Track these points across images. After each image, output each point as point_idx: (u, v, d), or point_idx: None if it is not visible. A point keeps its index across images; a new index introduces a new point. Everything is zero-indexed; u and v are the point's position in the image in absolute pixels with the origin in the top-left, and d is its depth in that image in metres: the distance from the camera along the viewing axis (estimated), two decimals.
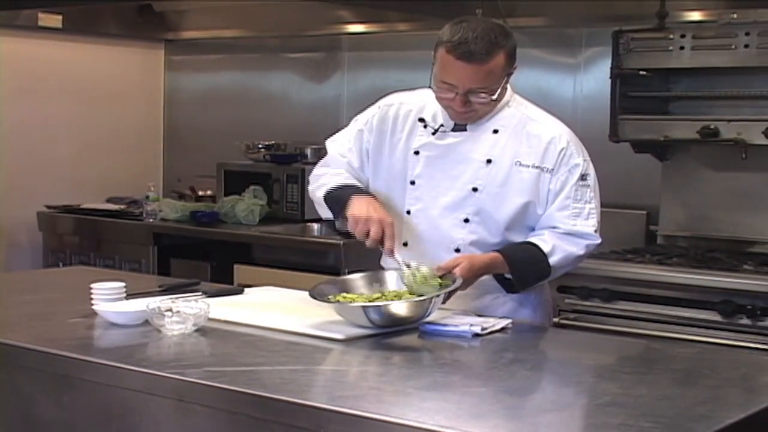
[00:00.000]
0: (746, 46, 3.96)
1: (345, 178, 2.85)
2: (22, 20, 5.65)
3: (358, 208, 2.69)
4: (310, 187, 2.94)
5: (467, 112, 2.71)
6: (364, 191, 2.80)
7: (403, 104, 2.89)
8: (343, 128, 3.01)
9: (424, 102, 2.84)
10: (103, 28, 6.08)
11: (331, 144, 3.00)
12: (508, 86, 2.81)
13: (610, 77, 4.27)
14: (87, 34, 6.04)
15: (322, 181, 2.88)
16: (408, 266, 2.61)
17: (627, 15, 4.47)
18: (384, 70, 5.42)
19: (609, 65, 4.27)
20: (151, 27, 6.24)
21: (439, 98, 2.74)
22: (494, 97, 2.68)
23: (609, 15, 4.60)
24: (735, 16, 4.16)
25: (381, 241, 2.63)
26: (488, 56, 2.61)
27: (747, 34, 3.95)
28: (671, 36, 4.13)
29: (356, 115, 3.01)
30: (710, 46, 4.06)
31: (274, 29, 5.90)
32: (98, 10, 5.98)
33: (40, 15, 5.67)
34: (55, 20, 5.74)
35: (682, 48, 4.10)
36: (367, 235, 2.64)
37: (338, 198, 2.78)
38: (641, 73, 4.26)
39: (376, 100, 2.98)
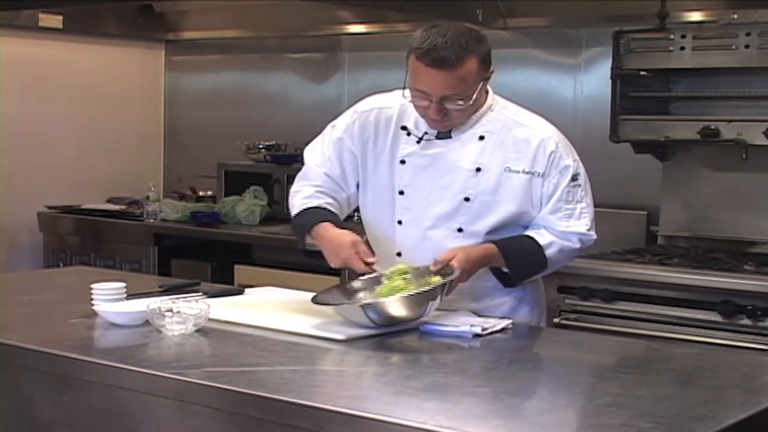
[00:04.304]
0: (747, 46, 3.96)
1: (310, 196, 2.84)
2: (22, 20, 5.65)
3: (327, 256, 2.70)
4: (290, 201, 2.92)
5: (443, 120, 2.68)
6: (326, 216, 2.77)
7: (382, 109, 2.84)
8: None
9: (404, 105, 2.78)
10: (103, 28, 6.08)
11: (308, 153, 2.96)
12: (489, 90, 2.77)
13: (611, 78, 4.27)
14: (87, 35, 6.04)
15: (295, 200, 2.87)
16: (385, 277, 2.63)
17: (627, 15, 4.47)
18: (384, 70, 5.41)
19: (609, 66, 4.27)
20: (152, 27, 6.24)
21: (415, 108, 2.71)
22: (470, 102, 2.64)
23: (609, 15, 4.59)
24: (735, 16, 4.16)
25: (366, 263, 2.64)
26: (459, 62, 2.57)
27: (747, 34, 3.95)
28: (672, 36, 4.13)
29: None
30: (711, 46, 4.06)
31: (274, 29, 5.90)
32: (99, 10, 5.97)
33: (41, 15, 5.67)
34: (55, 21, 5.73)
35: (682, 48, 4.10)
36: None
37: (298, 227, 2.81)
38: (642, 73, 4.26)
39: (352, 104, 2.94)
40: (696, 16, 4.40)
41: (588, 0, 4.72)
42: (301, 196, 2.86)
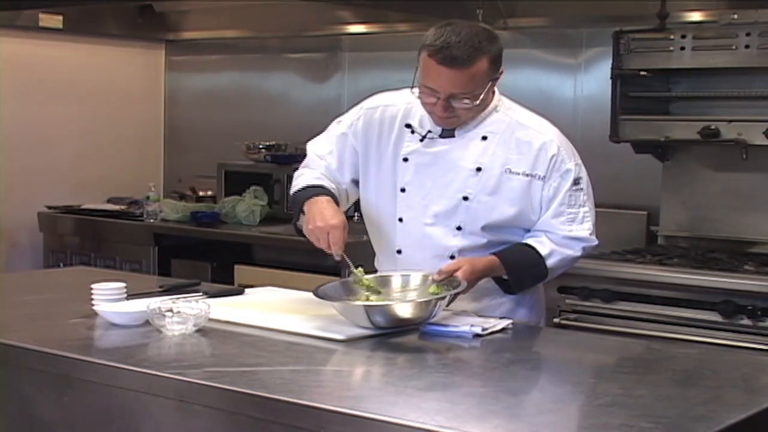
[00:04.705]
0: (747, 46, 3.96)
1: (312, 179, 2.83)
2: (22, 21, 5.65)
3: (308, 218, 2.69)
4: (293, 183, 2.92)
5: (449, 117, 2.69)
6: (322, 192, 2.76)
7: (388, 107, 2.85)
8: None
9: (410, 104, 2.80)
10: (103, 28, 6.08)
11: (311, 146, 2.98)
12: (496, 90, 2.77)
13: (611, 78, 4.27)
14: (88, 35, 6.05)
15: (299, 180, 2.87)
16: (358, 267, 2.64)
17: (627, 15, 4.47)
18: (384, 70, 5.42)
19: (609, 66, 4.27)
20: (152, 27, 6.24)
21: (422, 104, 2.72)
22: (477, 102, 2.65)
23: (609, 15, 4.60)
24: (735, 16, 4.16)
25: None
26: (470, 61, 2.57)
27: (747, 34, 3.95)
28: (672, 36, 4.13)
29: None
30: (711, 46, 4.06)
31: (274, 29, 5.90)
32: (99, 10, 5.98)
33: (41, 15, 5.67)
34: (55, 21, 5.74)
35: (682, 48, 4.10)
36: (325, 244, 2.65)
37: (297, 201, 2.78)
38: (642, 73, 4.26)
39: (360, 101, 2.95)
40: (696, 16, 4.40)
41: (588, 0, 4.72)
42: (307, 177, 2.86)
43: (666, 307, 3.82)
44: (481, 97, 2.65)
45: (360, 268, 2.66)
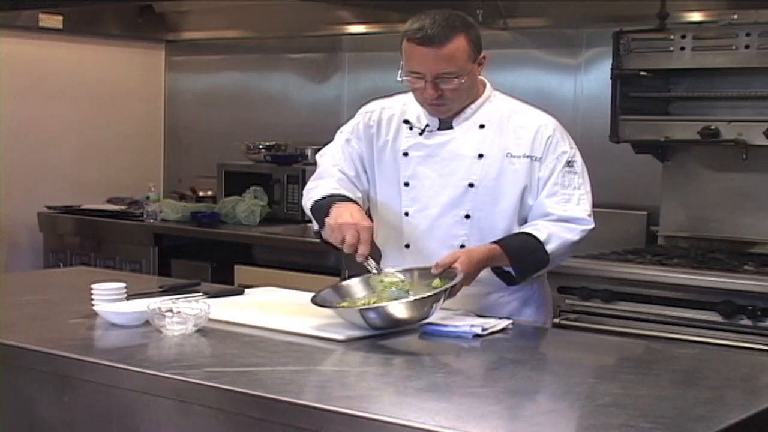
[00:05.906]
0: (747, 46, 3.96)
1: (332, 189, 2.82)
2: (22, 21, 5.65)
3: (335, 216, 2.66)
4: (303, 201, 2.93)
5: (440, 102, 2.73)
6: (347, 200, 2.76)
7: (384, 109, 2.92)
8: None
9: (406, 105, 2.87)
10: (103, 28, 6.08)
11: (321, 158, 3.00)
12: (488, 83, 2.85)
13: (611, 78, 4.27)
14: (88, 35, 6.05)
15: (311, 194, 2.86)
16: (379, 271, 2.63)
17: (627, 15, 4.47)
18: (384, 70, 5.41)
19: (609, 66, 4.27)
20: (152, 28, 6.25)
21: (413, 93, 2.77)
22: (463, 81, 2.69)
23: (609, 15, 4.60)
24: (735, 16, 4.16)
25: (357, 246, 2.60)
26: (447, 39, 2.65)
27: (747, 34, 3.95)
28: (672, 37, 4.13)
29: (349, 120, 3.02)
30: (711, 46, 4.06)
31: (274, 30, 5.90)
32: (99, 10, 5.98)
33: (41, 16, 5.68)
34: (55, 21, 5.74)
35: (682, 49, 4.10)
36: (343, 241, 2.60)
37: (321, 207, 2.76)
38: (642, 73, 4.26)
39: (351, 104, 2.99)
40: (696, 17, 4.40)
41: (588, 0, 4.72)
42: (324, 188, 2.84)
43: (666, 308, 3.82)
44: (467, 78, 2.69)
45: (384, 269, 2.66)
